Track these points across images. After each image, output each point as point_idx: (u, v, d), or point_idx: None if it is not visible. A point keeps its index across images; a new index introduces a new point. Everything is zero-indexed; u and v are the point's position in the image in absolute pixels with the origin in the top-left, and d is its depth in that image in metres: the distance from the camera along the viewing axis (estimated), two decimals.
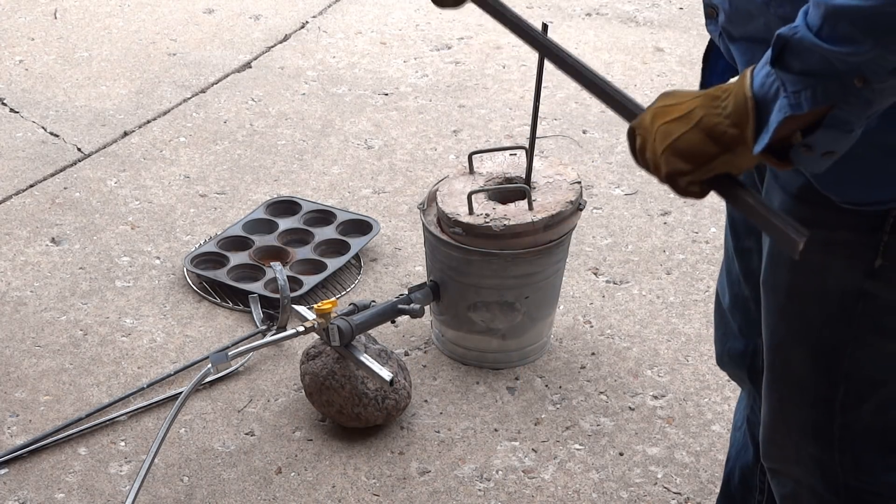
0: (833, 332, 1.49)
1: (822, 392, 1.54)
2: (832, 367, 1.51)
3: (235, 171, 3.45)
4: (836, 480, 1.59)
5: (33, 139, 3.61)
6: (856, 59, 1.19)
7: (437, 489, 2.39)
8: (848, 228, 1.41)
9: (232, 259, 3.01)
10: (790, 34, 1.23)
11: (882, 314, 1.46)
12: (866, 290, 1.44)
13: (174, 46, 4.17)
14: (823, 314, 1.49)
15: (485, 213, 2.53)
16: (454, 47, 4.17)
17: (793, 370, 1.56)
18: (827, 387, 1.53)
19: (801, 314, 1.51)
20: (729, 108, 1.30)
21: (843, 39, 1.19)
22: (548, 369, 2.70)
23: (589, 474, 2.43)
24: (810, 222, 1.39)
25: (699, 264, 3.04)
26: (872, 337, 1.48)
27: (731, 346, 1.85)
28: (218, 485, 2.40)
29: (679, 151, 1.33)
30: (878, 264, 1.42)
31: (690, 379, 2.67)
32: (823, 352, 1.51)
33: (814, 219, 1.40)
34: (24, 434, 2.51)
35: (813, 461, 1.60)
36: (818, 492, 1.61)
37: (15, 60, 4.07)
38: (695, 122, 1.31)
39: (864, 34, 1.18)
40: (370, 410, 2.47)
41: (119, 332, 2.81)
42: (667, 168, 1.34)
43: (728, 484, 2.02)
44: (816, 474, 1.60)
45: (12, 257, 3.07)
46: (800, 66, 1.23)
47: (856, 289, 1.45)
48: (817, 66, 1.21)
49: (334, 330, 2.43)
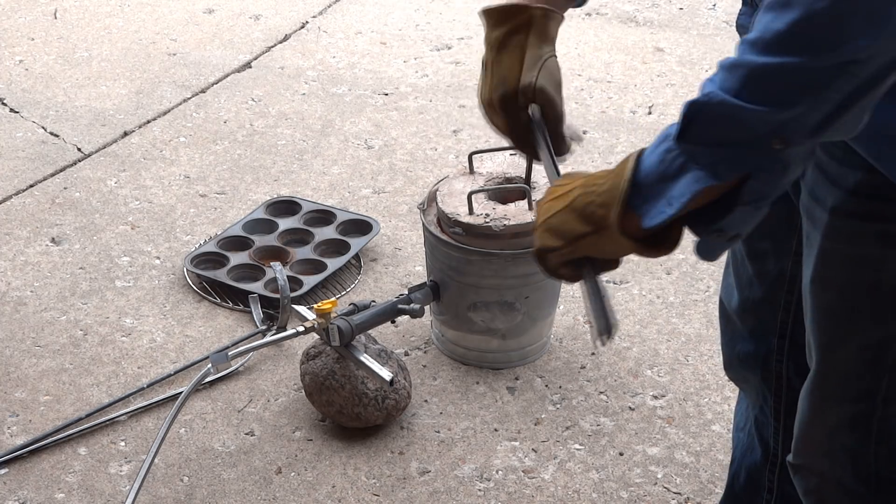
0: (882, 325, 1.49)
1: (866, 386, 1.53)
2: (879, 361, 1.51)
3: (235, 171, 3.45)
4: (867, 471, 1.59)
5: (33, 139, 3.61)
6: (780, 118, 1.18)
7: (437, 489, 2.39)
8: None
9: (232, 259, 3.01)
10: (705, 100, 1.20)
11: None
12: None
13: (174, 46, 4.17)
14: (875, 308, 1.49)
15: (485, 213, 2.53)
16: (454, 47, 4.17)
17: (840, 367, 1.55)
18: (871, 381, 1.52)
19: (853, 310, 1.51)
20: (604, 187, 1.30)
21: (768, 100, 1.17)
22: (548, 369, 2.70)
23: (589, 474, 2.43)
24: (867, 216, 1.41)
25: (699, 264, 3.04)
26: None
27: (741, 350, 1.84)
28: (218, 485, 2.40)
29: (551, 227, 1.36)
30: None
31: (690, 379, 2.67)
32: (871, 346, 1.51)
33: (871, 212, 1.41)
34: (24, 434, 2.51)
35: (846, 453, 1.59)
36: (845, 483, 1.60)
37: (15, 60, 4.08)
38: (570, 200, 1.34)
39: (799, 92, 1.17)
40: (370, 410, 2.47)
41: (119, 332, 2.81)
42: (538, 243, 1.38)
43: (733, 485, 2.02)
44: (847, 466, 1.60)
45: (12, 257, 3.07)
46: (714, 134, 1.20)
47: None
48: (735, 131, 1.19)
49: (334, 330, 2.43)
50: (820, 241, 1.49)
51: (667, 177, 1.24)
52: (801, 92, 1.17)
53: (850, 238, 1.45)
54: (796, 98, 1.17)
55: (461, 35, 4.24)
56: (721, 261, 1.67)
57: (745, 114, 1.18)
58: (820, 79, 1.16)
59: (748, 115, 1.18)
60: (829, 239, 1.47)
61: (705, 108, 1.20)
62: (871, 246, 1.43)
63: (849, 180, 1.42)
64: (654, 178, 1.25)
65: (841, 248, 1.47)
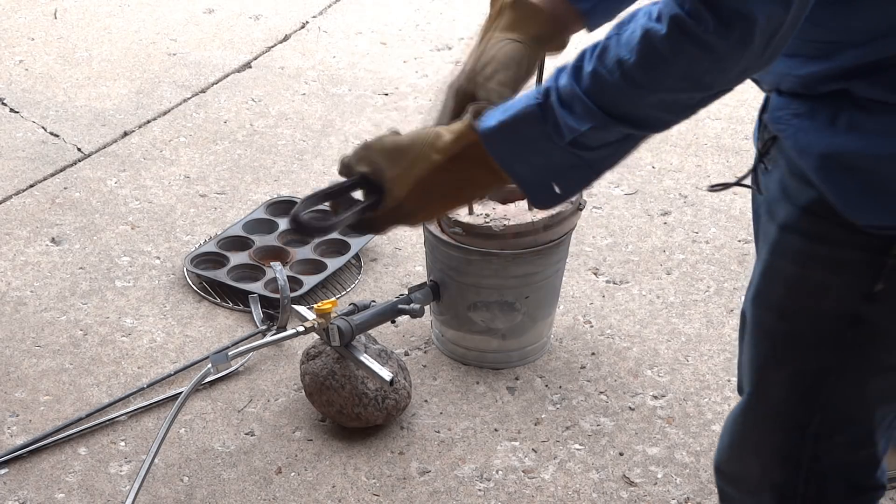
0: (819, 357, 1.46)
1: (798, 418, 1.50)
2: (811, 394, 1.48)
3: (235, 171, 3.45)
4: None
5: (33, 139, 3.61)
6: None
7: (437, 489, 2.39)
8: (854, 247, 1.38)
9: (232, 259, 3.01)
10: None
11: (871, 344, 1.43)
12: (860, 315, 1.41)
13: (174, 46, 4.17)
14: (813, 337, 1.46)
15: (485, 213, 2.53)
16: (454, 47, 4.17)
17: (773, 392, 1.52)
18: (803, 413, 1.50)
19: (790, 335, 1.48)
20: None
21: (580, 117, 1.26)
22: (548, 369, 2.70)
23: (589, 474, 2.43)
24: (816, 237, 1.39)
25: (699, 264, 3.04)
26: (857, 369, 1.45)
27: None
28: (218, 485, 2.40)
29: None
30: (879, 288, 1.38)
31: (690, 379, 2.67)
32: (805, 376, 1.48)
33: (820, 234, 1.38)
34: (24, 434, 2.51)
35: (773, 490, 1.57)
36: None
37: (15, 60, 4.08)
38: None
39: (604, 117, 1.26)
40: (370, 410, 2.47)
41: (119, 332, 2.81)
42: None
43: None
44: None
45: (12, 257, 3.07)
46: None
47: (850, 313, 1.41)
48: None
49: (334, 330, 2.43)
50: (766, 256, 1.47)
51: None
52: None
53: (796, 257, 1.42)
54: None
55: (461, 35, 4.24)
56: (722, 260, 1.67)
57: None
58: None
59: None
60: (775, 255, 1.45)
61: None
62: (817, 270, 1.40)
63: (802, 197, 1.40)
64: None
65: (785, 267, 1.44)
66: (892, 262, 1.36)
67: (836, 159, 1.32)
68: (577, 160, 1.30)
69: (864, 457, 1.53)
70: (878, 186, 1.31)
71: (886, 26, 1.25)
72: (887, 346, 1.43)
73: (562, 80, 1.28)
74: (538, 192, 1.35)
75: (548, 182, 1.34)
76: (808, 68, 1.33)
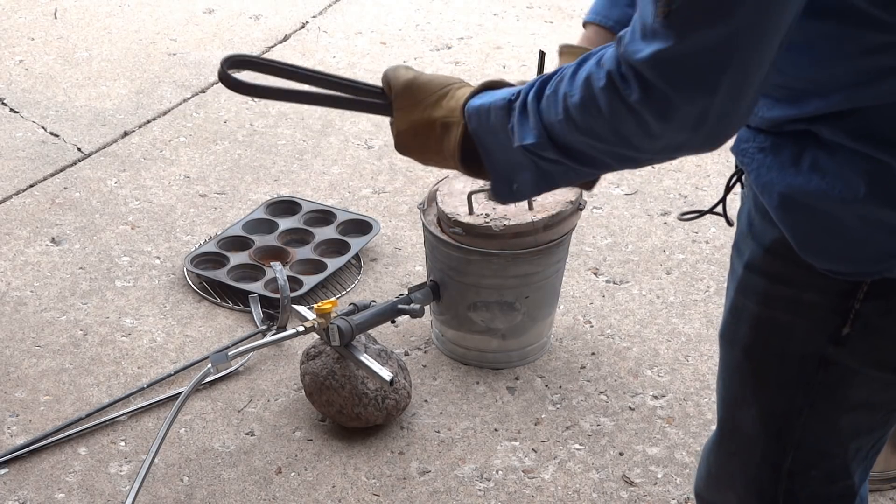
0: (788, 397, 1.44)
1: (771, 456, 1.49)
2: (783, 433, 1.46)
3: (235, 171, 3.45)
4: None
5: (33, 139, 3.61)
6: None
7: (437, 489, 2.39)
8: (817, 290, 1.35)
9: (232, 259, 3.00)
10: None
11: (841, 385, 1.40)
12: (828, 358, 1.38)
13: (174, 46, 4.17)
14: (780, 378, 1.44)
15: (485, 213, 2.53)
16: (454, 47, 4.17)
17: (744, 429, 1.51)
18: (776, 452, 1.48)
19: (757, 374, 1.46)
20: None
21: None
22: (548, 369, 2.70)
23: (589, 474, 2.43)
24: (780, 278, 1.37)
25: (699, 264, 3.04)
26: (827, 408, 1.42)
27: None
28: (218, 485, 2.39)
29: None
30: (846, 332, 1.35)
31: (690, 379, 2.67)
32: (775, 416, 1.46)
33: (784, 275, 1.36)
34: (24, 434, 2.51)
35: None
36: None
37: (15, 60, 4.08)
38: None
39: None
40: (370, 410, 2.47)
41: (119, 332, 2.81)
42: None
43: None
44: None
45: (12, 257, 3.07)
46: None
47: (817, 355, 1.38)
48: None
49: (334, 330, 2.43)
50: (733, 294, 1.45)
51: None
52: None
53: (760, 299, 1.40)
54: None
55: (461, 35, 4.24)
56: (722, 260, 1.67)
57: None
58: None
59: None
60: (741, 294, 1.43)
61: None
62: (781, 312, 1.38)
63: (767, 236, 1.38)
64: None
65: (750, 307, 1.42)
66: (858, 306, 1.33)
67: (797, 199, 1.29)
68: (532, 165, 1.32)
69: (840, 489, 1.51)
70: (834, 230, 1.29)
71: (850, 80, 1.23)
72: (858, 384, 1.39)
73: (532, 90, 1.30)
74: (498, 184, 1.39)
75: (507, 176, 1.36)
76: (774, 112, 1.31)
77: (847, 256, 1.31)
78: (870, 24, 1.18)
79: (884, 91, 1.22)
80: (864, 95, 1.23)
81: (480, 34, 4.24)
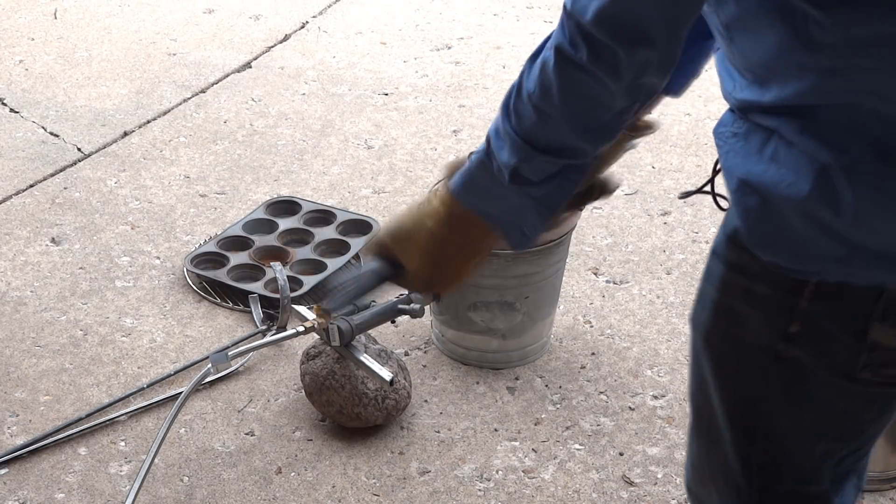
0: (747, 386, 1.43)
1: (741, 448, 1.48)
2: (748, 423, 1.45)
3: (235, 171, 3.45)
4: None
5: (33, 139, 3.61)
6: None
7: (437, 489, 2.39)
8: (768, 284, 1.35)
9: (232, 259, 3.01)
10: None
11: (797, 382, 1.39)
12: (780, 353, 1.37)
13: (174, 46, 4.17)
14: (740, 367, 1.43)
15: None
16: (454, 47, 4.17)
17: (712, 419, 1.50)
18: (745, 443, 1.47)
19: (718, 361, 1.46)
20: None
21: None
22: (548, 369, 2.70)
23: (589, 474, 2.43)
24: (736, 267, 1.38)
25: (699, 264, 3.04)
26: (786, 402, 1.41)
27: None
28: (218, 485, 2.40)
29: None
30: (794, 330, 1.34)
31: None
32: (738, 405, 1.45)
33: (739, 264, 1.37)
34: (24, 434, 2.51)
35: None
36: None
37: (15, 60, 4.08)
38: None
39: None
40: (370, 410, 2.47)
41: (119, 332, 2.81)
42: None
43: None
44: None
45: (12, 257, 3.07)
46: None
47: (771, 348, 1.37)
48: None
49: (334, 330, 2.43)
50: (701, 280, 1.46)
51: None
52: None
53: (720, 285, 1.41)
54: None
55: (461, 35, 4.24)
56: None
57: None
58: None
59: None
60: (705, 279, 1.44)
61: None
62: (737, 300, 1.38)
63: (729, 223, 1.38)
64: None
65: (711, 293, 1.42)
66: (806, 305, 1.32)
67: (752, 186, 1.30)
68: (528, 199, 1.36)
69: (814, 494, 1.49)
70: (779, 224, 1.29)
71: (797, 74, 1.24)
72: (818, 385, 1.38)
73: (498, 117, 1.36)
74: (511, 235, 1.42)
75: (515, 223, 1.40)
76: (745, 93, 1.32)
77: (790, 252, 1.31)
78: (807, 21, 1.20)
79: (827, 92, 1.23)
80: (812, 93, 1.24)
81: (480, 34, 4.24)
